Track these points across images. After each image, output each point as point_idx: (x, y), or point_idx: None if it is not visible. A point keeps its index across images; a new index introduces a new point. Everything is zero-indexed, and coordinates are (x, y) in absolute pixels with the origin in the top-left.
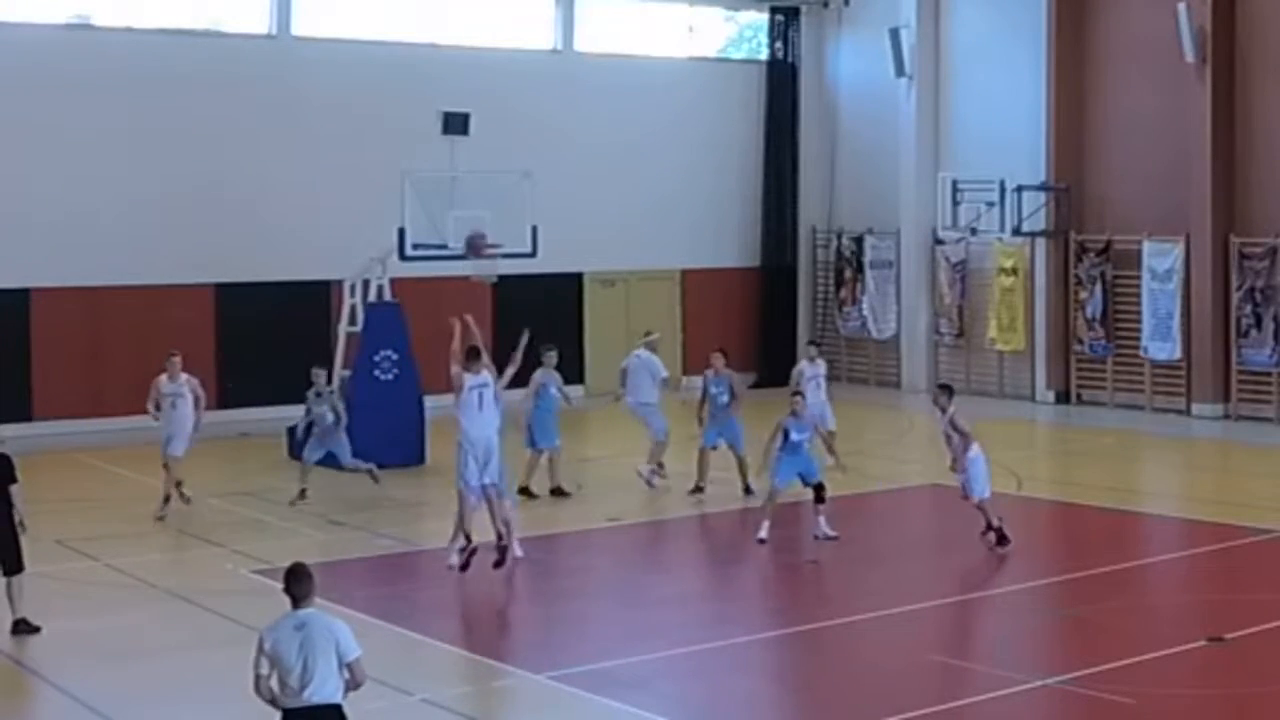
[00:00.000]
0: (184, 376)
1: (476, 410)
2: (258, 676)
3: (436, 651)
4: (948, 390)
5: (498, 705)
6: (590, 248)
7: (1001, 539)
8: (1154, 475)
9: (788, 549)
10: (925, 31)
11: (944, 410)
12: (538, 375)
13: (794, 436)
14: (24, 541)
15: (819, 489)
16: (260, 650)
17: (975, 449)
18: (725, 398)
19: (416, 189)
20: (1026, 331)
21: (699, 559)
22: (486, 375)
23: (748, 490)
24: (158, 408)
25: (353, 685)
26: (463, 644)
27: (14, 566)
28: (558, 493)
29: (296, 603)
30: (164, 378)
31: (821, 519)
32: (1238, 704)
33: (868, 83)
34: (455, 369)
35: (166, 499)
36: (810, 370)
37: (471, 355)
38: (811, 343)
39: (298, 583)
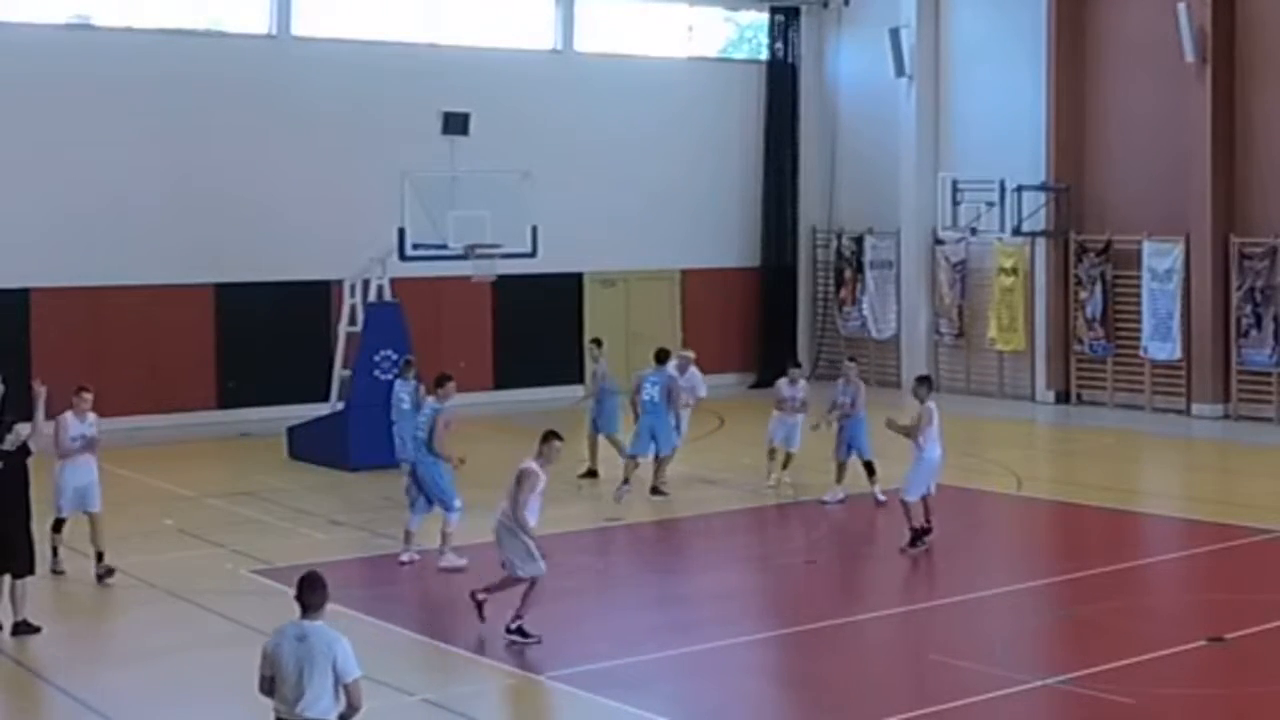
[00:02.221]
0: (92, 415)
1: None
2: (262, 678)
3: (436, 651)
4: (926, 382)
5: (498, 705)
6: (590, 248)
7: (915, 540)
8: (1154, 475)
9: (787, 549)
10: (925, 31)
11: (921, 401)
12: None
13: (839, 399)
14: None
15: (868, 465)
16: (264, 654)
17: (926, 451)
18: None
19: (416, 189)
20: (1026, 331)
21: (699, 559)
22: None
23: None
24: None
25: (349, 708)
26: (463, 644)
27: (24, 569)
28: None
29: (305, 611)
30: (70, 415)
31: (875, 487)
32: (1238, 704)
33: (868, 83)
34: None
35: (54, 551)
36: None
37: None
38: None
39: (311, 591)
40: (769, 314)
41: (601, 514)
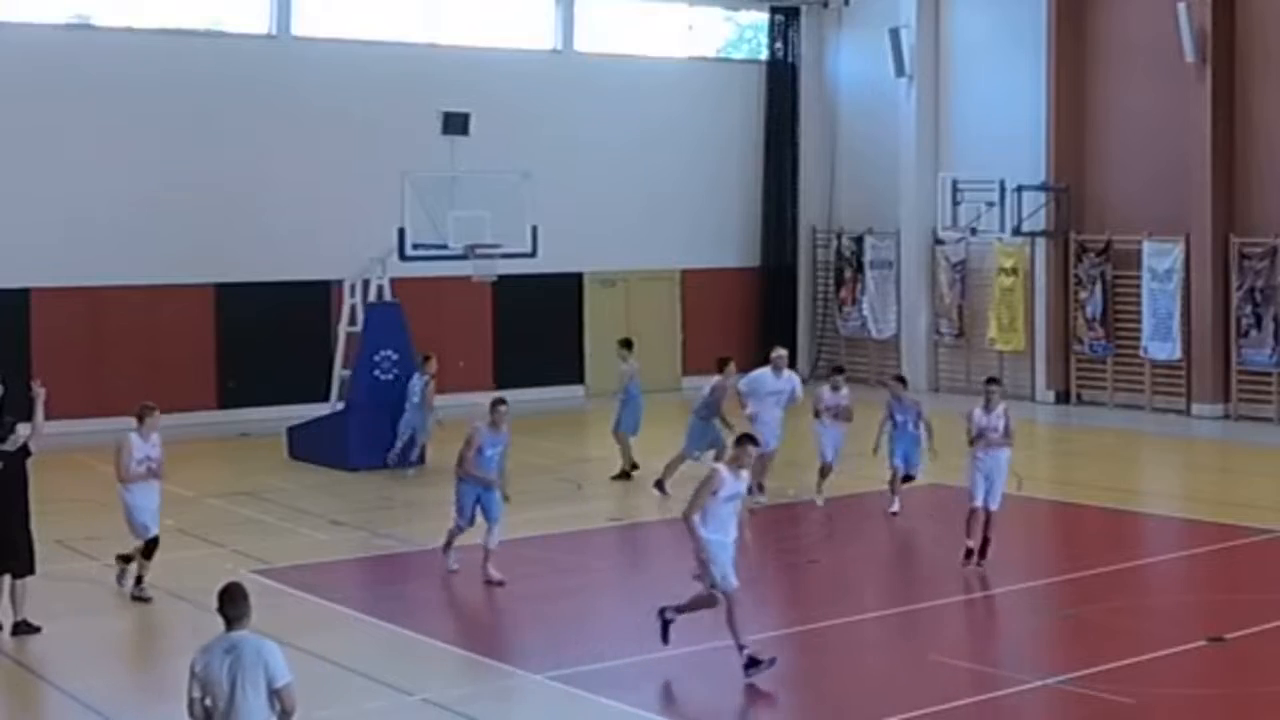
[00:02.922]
0: (156, 435)
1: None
2: (190, 700)
3: (437, 651)
4: (999, 382)
5: (498, 705)
6: (590, 248)
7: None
8: (1154, 475)
9: (788, 549)
10: (925, 31)
11: (993, 403)
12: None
13: (898, 418)
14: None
15: (908, 477)
16: (192, 673)
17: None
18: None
19: (416, 189)
20: (1026, 331)
21: None
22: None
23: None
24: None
25: (283, 713)
26: (463, 644)
27: (25, 570)
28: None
29: (230, 624)
30: (135, 436)
31: (897, 497)
32: (1238, 704)
33: (868, 83)
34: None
35: (139, 579)
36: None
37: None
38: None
39: (232, 604)
40: (769, 314)
41: (602, 514)
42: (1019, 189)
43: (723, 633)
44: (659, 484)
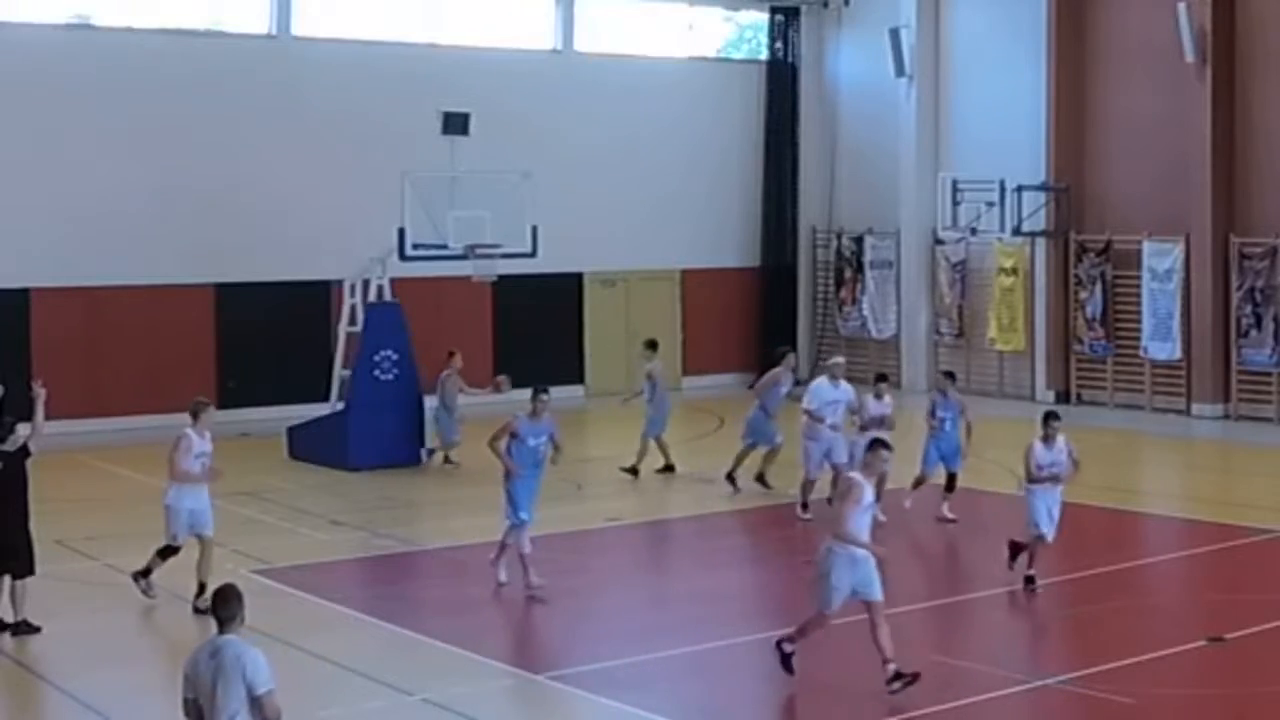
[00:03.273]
0: (208, 431)
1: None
2: (184, 701)
3: (437, 651)
4: (1059, 417)
5: (498, 705)
6: (590, 248)
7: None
8: (1154, 475)
9: (788, 549)
10: (925, 31)
11: (1053, 438)
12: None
13: (940, 414)
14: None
15: (952, 478)
16: (184, 675)
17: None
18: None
19: (416, 189)
20: (1026, 331)
21: (699, 559)
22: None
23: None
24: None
25: None
26: (463, 644)
27: (24, 570)
28: (760, 481)
29: (222, 625)
30: (193, 433)
31: (945, 504)
32: (1238, 704)
33: (868, 83)
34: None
35: (148, 572)
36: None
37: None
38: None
39: (224, 605)
40: (769, 314)
41: (601, 514)
42: (1019, 189)
43: (721, 633)
44: (761, 479)
